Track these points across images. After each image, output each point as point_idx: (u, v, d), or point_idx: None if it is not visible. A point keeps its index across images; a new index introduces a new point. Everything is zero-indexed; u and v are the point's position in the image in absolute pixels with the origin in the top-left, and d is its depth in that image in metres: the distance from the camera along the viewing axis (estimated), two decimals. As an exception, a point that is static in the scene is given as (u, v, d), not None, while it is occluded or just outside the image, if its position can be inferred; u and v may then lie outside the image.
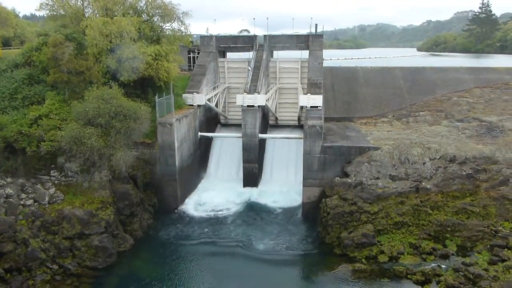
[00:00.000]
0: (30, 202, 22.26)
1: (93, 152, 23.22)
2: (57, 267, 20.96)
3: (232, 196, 29.96)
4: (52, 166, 24.03)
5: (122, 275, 21.59)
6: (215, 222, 26.71)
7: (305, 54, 35.26)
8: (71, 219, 21.88)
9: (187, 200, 29.67)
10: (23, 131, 23.39)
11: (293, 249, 23.91)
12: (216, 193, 30.50)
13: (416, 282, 20.36)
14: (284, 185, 31.25)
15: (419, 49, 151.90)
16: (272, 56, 36.86)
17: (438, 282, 20.12)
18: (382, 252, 22.41)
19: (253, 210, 28.30)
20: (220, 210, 28.28)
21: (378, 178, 25.42)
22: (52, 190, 23.04)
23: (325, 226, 24.55)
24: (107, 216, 22.80)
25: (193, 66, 36.11)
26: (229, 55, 38.25)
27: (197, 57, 36.59)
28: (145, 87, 28.87)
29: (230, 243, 24.16)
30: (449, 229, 23.00)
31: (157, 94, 27.28)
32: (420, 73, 37.54)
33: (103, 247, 21.99)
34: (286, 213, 27.98)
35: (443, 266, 21.18)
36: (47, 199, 22.62)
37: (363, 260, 22.15)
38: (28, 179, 23.42)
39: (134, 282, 20.97)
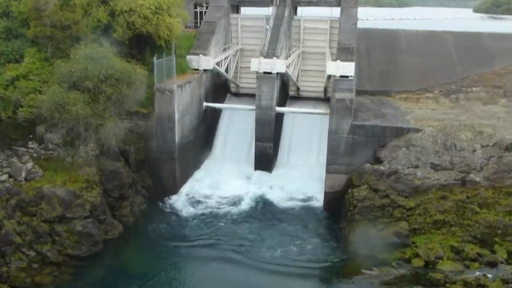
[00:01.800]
0: (4, 177, 22.43)
1: (78, 122, 23.16)
2: (35, 253, 21.26)
3: (241, 181, 29.99)
4: (30, 136, 24.09)
5: (108, 266, 21.84)
6: (218, 213, 26.75)
7: (335, 12, 34.42)
8: (51, 199, 22.00)
9: (187, 183, 29.80)
10: (-3, 94, 23.43)
11: (310, 248, 23.83)
12: (221, 177, 30.53)
13: (456, 293, 20.17)
14: (303, 170, 31.17)
15: (476, 10, 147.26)
16: (295, 13, 36.12)
17: (482, 295, 19.93)
18: (417, 255, 22.23)
19: (264, 199, 28.32)
20: (226, 198, 28.31)
21: (417, 167, 25.05)
22: (29, 165, 23.16)
23: (351, 221, 24.39)
24: (93, 197, 22.91)
25: (200, 23, 35.53)
26: (244, 10, 37.63)
27: (205, 12, 35.93)
28: (142, 46, 28.55)
29: (233, 242, 24.05)
30: (499, 231, 22.57)
31: (156, 55, 26.99)
32: (475, 40, 36.34)
33: (87, 233, 22.19)
34: (304, 204, 27.94)
35: (489, 275, 20.87)
36: (23, 174, 22.76)
37: (394, 263, 22.02)
38: (3, 150, 23.59)
39: (121, 275, 21.23)
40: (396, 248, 22.59)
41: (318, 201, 27.94)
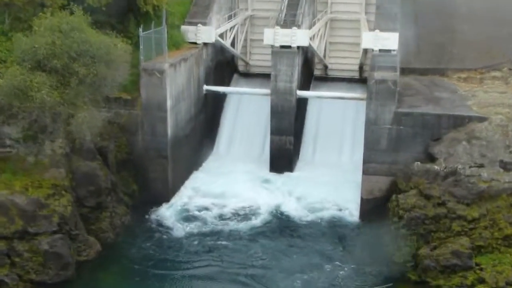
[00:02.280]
0: (-51, 182, 22.69)
1: (43, 111, 23.30)
2: (-12, 279, 21.42)
3: (251, 187, 30.13)
4: (-18, 130, 24.35)
5: (82, 296, 22.03)
6: (222, 230, 26.71)
7: (373, -34, 34.28)
8: (9, 210, 22.07)
9: (182, 190, 30.07)
10: None
11: (342, 276, 23.75)
12: (227, 181, 30.71)
13: (534, 330, 20.01)
14: (333, 171, 31.43)
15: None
16: (321, -32, 36.11)
17: None
18: (483, 281, 21.89)
19: (282, 211, 28.42)
20: (232, 210, 28.47)
21: (482, 166, 24.91)
22: (-19, 166, 23.40)
23: (395, 237, 24.29)
24: (62, 207, 22.94)
25: (198, -17, 35.63)
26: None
27: (205, -31, 36.04)
28: (124, 14, 28.79)
29: (240, 270, 23.88)
30: None
31: (141, 26, 27.18)
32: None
33: (55, 253, 22.24)
34: (334, 216, 28.04)
35: None
36: (-26, 178, 23.00)
37: (452, 291, 21.85)
38: (-52, 147, 23.87)
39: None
40: (455, 271, 22.37)
41: (353, 212, 28.06)
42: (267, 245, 25.82)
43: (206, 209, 28.58)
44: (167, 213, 28.07)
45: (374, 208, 26.99)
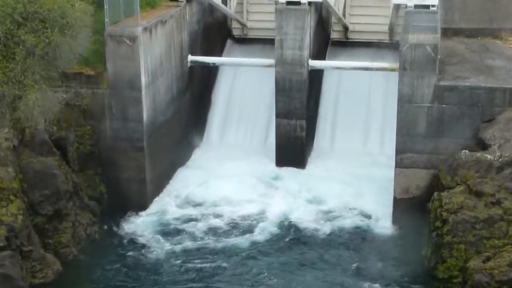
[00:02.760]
0: None
1: (-19, 92, 23.51)
2: None
3: (253, 189, 30.22)
4: None
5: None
6: (213, 248, 26.54)
7: None
8: None
9: (164, 193, 30.29)
10: None
11: (368, 279, 24.23)
12: (221, 181, 30.84)
13: None
14: (357, 164, 31.71)
15: None
16: None
17: None
18: (552, 301, 22.15)
19: (293, 221, 28.40)
20: (227, 219, 28.51)
21: (548, 154, 25.08)
22: None
23: (438, 246, 24.48)
24: (11, 217, 22.92)
25: None
26: None
27: None
28: (82, -36, 28.74)
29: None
30: None
31: (106, -22, 27.16)
32: None
33: (3, 275, 22.25)
34: (360, 223, 28.18)
35: None
36: None
37: (510, 314, 22.08)
38: None
39: None
40: (516, 289, 22.63)
41: (383, 216, 28.20)
42: (273, 264, 25.59)
43: (194, 219, 28.45)
44: (144, 224, 28.05)
45: (411, 210, 27.06)
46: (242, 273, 25.29)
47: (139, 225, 28.00)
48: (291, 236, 27.67)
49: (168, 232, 27.71)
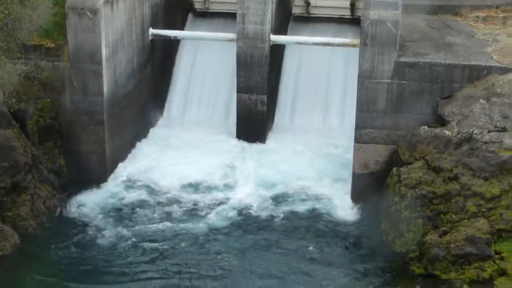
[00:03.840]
0: None
1: None
2: None
3: (212, 161, 30.28)
4: None
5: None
6: (173, 221, 26.56)
7: None
8: None
9: (123, 165, 30.31)
10: None
11: (326, 260, 24.43)
12: (180, 154, 31.02)
13: None
14: (317, 138, 31.96)
15: None
16: None
17: None
18: (504, 272, 22.51)
19: (251, 198, 28.36)
20: (185, 192, 28.60)
21: (504, 130, 25.35)
22: None
23: (396, 221, 24.87)
24: (-32, 188, 23.08)
25: None
26: None
27: None
28: None
29: (198, 272, 23.77)
30: None
31: None
32: None
33: (-40, 247, 22.43)
34: (319, 198, 28.34)
35: None
36: None
37: (467, 286, 22.41)
38: None
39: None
40: (470, 262, 22.90)
41: (343, 187, 28.49)
42: (231, 239, 25.59)
43: (151, 192, 28.55)
44: (102, 197, 28.12)
45: (370, 185, 27.42)
46: (201, 236, 25.60)
47: (97, 198, 28.01)
48: (250, 209, 27.74)
49: (124, 205, 27.76)
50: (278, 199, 28.18)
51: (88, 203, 27.59)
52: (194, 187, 28.82)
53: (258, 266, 24.11)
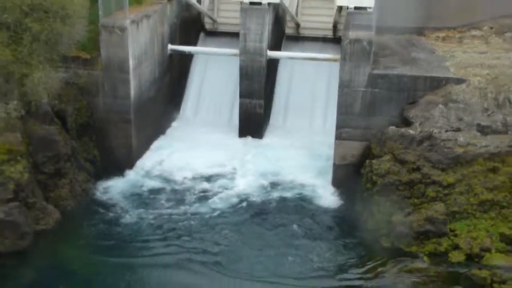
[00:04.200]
0: None
1: (-6, 71, 23.05)
2: None
3: (220, 154, 30.22)
4: None
5: (39, 265, 22.15)
6: (185, 205, 26.53)
7: None
8: (-40, 176, 22.03)
9: (147, 155, 30.21)
10: None
11: (311, 233, 24.48)
12: (192, 149, 30.84)
13: (508, 295, 20.82)
14: (305, 136, 31.75)
15: None
16: None
17: (541, 297, 20.56)
18: (457, 247, 22.72)
19: (253, 180, 28.51)
20: (198, 176, 28.59)
21: (458, 130, 25.38)
22: None
23: (369, 204, 24.90)
24: (18, 174, 22.86)
25: None
26: None
27: None
28: (80, -36, 28.25)
29: (206, 246, 23.79)
30: None
31: (100, -22, 26.74)
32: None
33: (11, 222, 22.27)
34: (306, 181, 28.36)
35: (553, 272, 21.54)
36: None
37: (426, 258, 22.58)
38: None
39: (57, 277, 21.55)
40: (429, 238, 23.06)
41: (325, 176, 28.38)
42: (232, 224, 25.35)
43: (171, 174, 28.68)
44: (128, 182, 28.11)
45: (348, 174, 27.38)
46: (209, 213, 25.81)
47: (123, 184, 27.96)
48: (251, 185, 28.02)
49: (144, 191, 27.67)
50: (272, 186, 28.11)
51: (115, 188, 27.58)
52: (203, 176, 28.69)
53: (255, 240, 24.24)
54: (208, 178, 28.56)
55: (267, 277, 21.92)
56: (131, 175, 28.62)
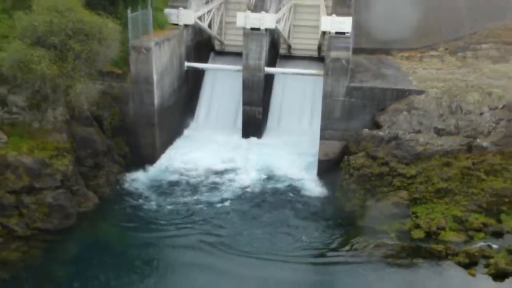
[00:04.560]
0: (-38, 144, 22.48)
1: (44, 82, 22.97)
2: (0, 227, 21.48)
3: (226, 152, 30.02)
4: (-9, 98, 24.04)
5: (82, 241, 22.31)
6: (197, 194, 26.28)
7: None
8: (17, 168, 22.08)
9: (167, 152, 30.06)
10: (-51, 51, 23.17)
11: (300, 215, 24.56)
12: (205, 145, 30.76)
13: (459, 264, 20.98)
14: (295, 136, 31.59)
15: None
16: (287, -41, 35.73)
17: (486, 266, 20.72)
18: (418, 226, 22.91)
19: (254, 169, 28.54)
20: (210, 169, 28.51)
21: (419, 132, 25.56)
22: (-9, 130, 23.17)
23: (346, 191, 24.99)
24: (64, 166, 23.04)
25: (179, -30, 35.05)
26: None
27: (185, -43, 35.41)
28: (114, -3, 28.28)
29: (220, 216, 24.14)
30: (506, 200, 23.28)
31: (130, 7, 26.64)
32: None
33: (58, 205, 22.47)
34: (296, 173, 28.31)
35: (494, 246, 21.70)
36: (-15, 141, 22.82)
37: (393, 235, 22.69)
38: (-40, 114, 23.54)
39: (96, 250, 21.69)
40: (395, 219, 23.18)
41: (312, 169, 28.32)
42: (235, 209, 25.12)
43: (187, 168, 28.54)
44: (155, 171, 28.07)
45: (329, 167, 27.37)
46: (220, 192, 26.15)
47: (152, 173, 27.99)
48: (252, 173, 28.02)
49: (170, 175, 27.82)
50: (269, 178, 27.97)
51: (142, 179, 27.48)
52: (213, 170, 28.49)
53: (254, 220, 24.28)
54: (217, 172, 28.36)
55: (265, 254, 21.86)
56: (154, 168, 28.48)
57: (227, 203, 25.58)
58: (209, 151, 30.11)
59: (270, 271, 20.98)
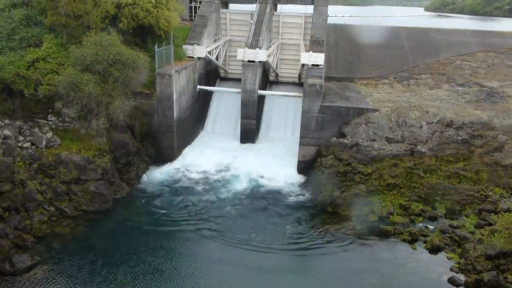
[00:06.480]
0: (27, 145, 22.23)
1: (90, 99, 22.92)
2: (54, 209, 21.31)
3: (227, 156, 29.34)
4: (50, 110, 23.89)
5: (117, 220, 22.10)
6: (203, 191, 25.47)
7: (310, 9, 34.14)
8: (68, 164, 21.96)
9: (183, 153, 29.67)
10: (21, 73, 22.97)
11: (283, 203, 24.31)
12: (212, 148, 30.28)
13: (403, 241, 20.91)
14: (280, 142, 31.27)
15: (427, 9, 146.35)
16: (275, 9, 35.72)
17: (424, 242, 20.68)
18: (373, 212, 22.82)
19: (249, 166, 28.08)
20: (216, 165, 28.11)
21: (374, 140, 25.55)
22: (49, 135, 22.98)
23: (319, 184, 24.87)
24: (104, 163, 22.92)
25: (194, 16, 35.04)
26: (232, 6, 37.03)
27: (198, 7, 35.40)
28: (144, 35, 28.09)
29: (213, 220, 23.01)
30: (439, 192, 23.31)
31: (156, 44, 26.57)
32: (425, 34, 36.82)
33: (99, 193, 22.30)
34: (281, 170, 27.87)
35: (430, 227, 21.68)
36: (44, 143, 22.60)
37: (353, 218, 22.58)
38: (26, 122, 23.31)
39: (128, 227, 21.52)
40: (356, 206, 23.14)
41: (293, 167, 28.06)
42: (231, 204, 24.21)
43: (199, 165, 28.02)
44: (174, 167, 27.65)
45: (306, 166, 27.31)
46: (223, 183, 25.93)
47: (171, 169, 27.55)
48: (247, 169, 27.42)
49: (185, 170, 27.41)
50: (259, 176, 27.15)
51: (163, 174, 26.79)
52: (218, 165, 28.13)
53: (247, 213, 23.50)
54: (219, 173, 27.51)
55: (255, 241, 21.10)
56: (173, 165, 27.94)
57: (224, 200, 24.56)
58: (215, 152, 29.72)
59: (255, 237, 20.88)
